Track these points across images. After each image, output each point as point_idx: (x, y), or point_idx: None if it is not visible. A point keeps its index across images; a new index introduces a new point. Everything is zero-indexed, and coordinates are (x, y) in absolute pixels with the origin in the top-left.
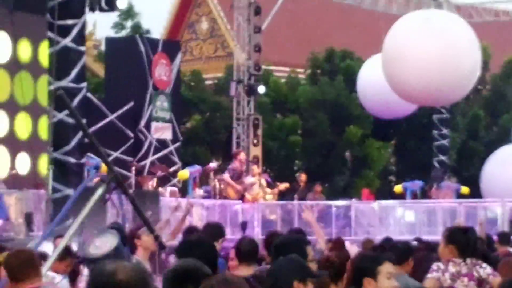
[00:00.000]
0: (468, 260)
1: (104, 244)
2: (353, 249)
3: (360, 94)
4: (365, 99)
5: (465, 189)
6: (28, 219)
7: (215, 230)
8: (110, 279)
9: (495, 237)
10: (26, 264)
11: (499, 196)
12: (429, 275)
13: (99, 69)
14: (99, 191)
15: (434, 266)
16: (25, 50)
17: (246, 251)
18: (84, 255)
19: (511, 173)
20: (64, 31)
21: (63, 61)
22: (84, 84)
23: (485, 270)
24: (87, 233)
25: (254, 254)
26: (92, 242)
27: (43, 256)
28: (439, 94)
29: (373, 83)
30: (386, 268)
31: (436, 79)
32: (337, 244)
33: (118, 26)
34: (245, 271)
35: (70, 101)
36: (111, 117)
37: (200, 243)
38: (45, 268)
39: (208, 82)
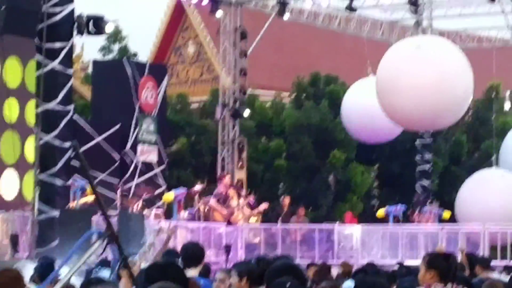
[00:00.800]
0: (449, 285)
1: None
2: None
3: (344, 119)
4: (349, 124)
5: (447, 214)
6: (14, 240)
7: (194, 254)
8: None
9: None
10: (12, 284)
11: (474, 219)
12: None
13: (86, 92)
14: (95, 245)
15: None
16: (13, 72)
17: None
18: None
19: (485, 197)
20: (52, 54)
21: (50, 84)
22: (71, 106)
23: None
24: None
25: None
26: None
27: None
28: (434, 119)
29: (357, 108)
30: None
31: (430, 105)
32: (323, 270)
33: (105, 49)
34: None
35: (83, 156)
36: (98, 139)
37: (168, 266)
38: None
39: (194, 106)
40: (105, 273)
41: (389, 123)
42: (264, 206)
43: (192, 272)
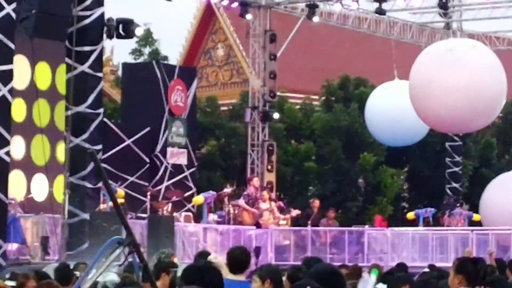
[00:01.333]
0: None
1: None
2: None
3: (367, 122)
4: (372, 126)
5: (476, 217)
6: (44, 243)
7: (240, 260)
8: None
9: None
10: None
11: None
12: None
13: (116, 95)
14: (116, 252)
15: None
16: (43, 75)
17: None
18: None
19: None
20: (81, 57)
21: (80, 87)
22: (101, 110)
23: None
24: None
25: None
26: None
27: None
28: (467, 122)
29: (380, 111)
30: None
31: (463, 108)
32: (355, 271)
33: (136, 52)
34: None
35: (100, 161)
36: (128, 141)
37: (206, 269)
38: None
39: (223, 108)
40: (112, 276)
41: (412, 125)
42: (296, 212)
43: (239, 278)
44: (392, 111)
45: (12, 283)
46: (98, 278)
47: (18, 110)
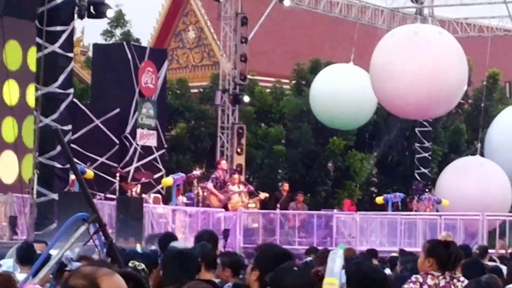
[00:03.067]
0: (447, 273)
1: None
2: None
3: (312, 105)
4: (316, 109)
5: (445, 202)
6: (12, 222)
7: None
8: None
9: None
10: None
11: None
12: (404, 286)
13: (86, 75)
14: (81, 229)
15: (413, 277)
16: (14, 54)
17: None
18: None
19: (463, 185)
20: (52, 37)
21: (50, 67)
22: (71, 90)
23: (462, 283)
24: None
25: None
26: None
27: None
28: (427, 108)
29: (324, 94)
30: None
31: (424, 93)
32: (324, 255)
33: (108, 33)
34: None
35: (64, 139)
36: (97, 122)
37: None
38: None
39: (193, 91)
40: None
41: (357, 110)
42: (265, 195)
43: None
44: (334, 94)
45: None
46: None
47: None
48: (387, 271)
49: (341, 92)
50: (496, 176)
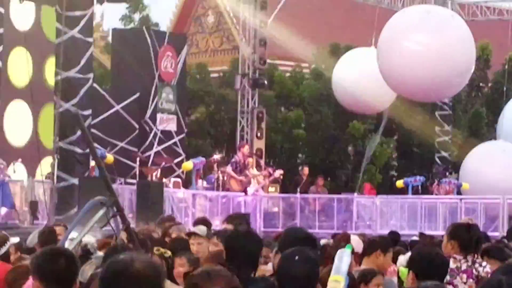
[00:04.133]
0: (469, 257)
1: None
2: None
3: (334, 88)
4: (337, 93)
5: (465, 186)
6: (33, 207)
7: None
8: (127, 267)
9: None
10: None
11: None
12: None
13: (106, 60)
14: (100, 213)
15: None
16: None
17: None
18: (81, 279)
19: (488, 170)
20: (72, 22)
21: (70, 52)
22: (91, 75)
23: (484, 268)
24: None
25: None
26: (92, 267)
27: None
28: (433, 89)
29: (346, 79)
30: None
31: (431, 74)
32: (343, 238)
33: (127, 18)
34: None
35: (84, 123)
36: (117, 107)
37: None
38: None
39: (213, 75)
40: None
41: (377, 95)
42: (279, 172)
43: None
44: (357, 78)
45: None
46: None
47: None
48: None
49: (363, 77)
50: None
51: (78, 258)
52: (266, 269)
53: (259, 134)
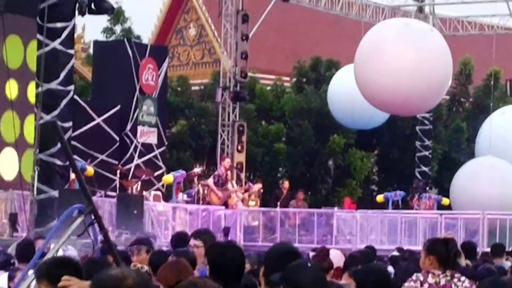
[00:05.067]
0: (448, 272)
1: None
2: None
3: (330, 104)
4: (333, 108)
5: (445, 201)
6: (13, 219)
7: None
8: (119, 283)
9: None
10: None
11: (467, 208)
12: (405, 284)
13: (87, 72)
14: (77, 221)
15: (414, 276)
16: (14, 51)
17: None
18: None
19: (478, 186)
20: (53, 34)
21: (51, 64)
22: (72, 87)
23: (463, 283)
24: None
25: None
26: None
27: None
28: (410, 103)
29: (342, 94)
30: None
31: (408, 88)
32: (322, 253)
33: (108, 30)
34: None
35: (61, 132)
36: (98, 120)
37: (229, 247)
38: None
39: (194, 88)
40: (71, 252)
41: (375, 109)
42: (258, 186)
43: None
44: (353, 93)
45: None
46: (57, 253)
47: None
48: (390, 268)
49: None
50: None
51: None
52: None
53: (239, 148)
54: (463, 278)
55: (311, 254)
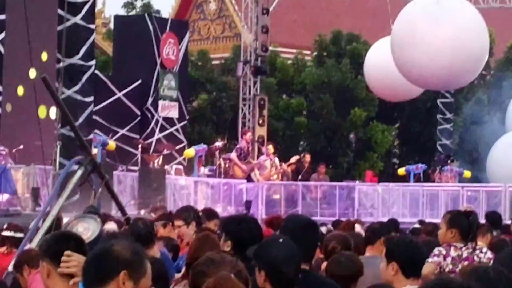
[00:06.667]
0: (470, 245)
1: (87, 230)
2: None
3: (367, 77)
4: (372, 82)
5: (467, 173)
6: (35, 194)
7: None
8: (106, 247)
9: None
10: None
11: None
12: (429, 259)
13: (107, 47)
14: (78, 173)
15: (436, 250)
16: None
17: None
18: None
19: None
20: (74, 9)
21: (72, 39)
22: (93, 62)
23: (486, 255)
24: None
25: None
26: (74, 227)
27: None
28: (448, 78)
29: (379, 67)
30: None
31: (446, 63)
32: (348, 226)
33: (129, 5)
34: None
35: (55, 90)
36: (119, 94)
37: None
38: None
39: (215, 62)
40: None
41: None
42: (295, 158)
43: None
44: (391, 66)
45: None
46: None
47: None
48: None
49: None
50: None
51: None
52: None
53: (260, 121)
54: (484, 249)
55: (325, 229)
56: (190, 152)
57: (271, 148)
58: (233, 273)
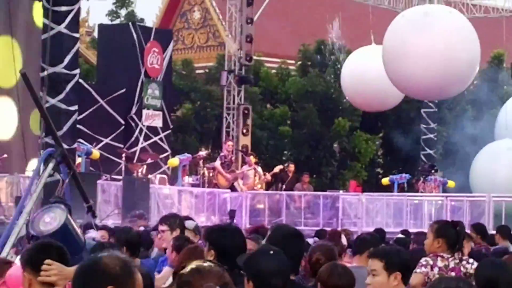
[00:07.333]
0: (456, 255)
1: (53, 220)
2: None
3: (343, 87)
4: (348, 92)
5: (451, 183)
6: (19, 202)
7: None
8: (95, 260)
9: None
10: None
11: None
12: (417, 270)
13: (92, 56)
14: (50, 165)
15: (423, 261)
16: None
17: None
18: (32, 232)
19: (497, 169)
20: (58, 17)
21: (56, 47)
22: (77, 71)
23: (472, 265)
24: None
25: None
26: (40, 218)
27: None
28: (440, 88)
29: (357, 77)
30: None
31: (438, 74)
32: (335, 236)
33: (113, 14)
34: None
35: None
36: (102, 103)
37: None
38: (7, 248)
39: (199, 71)
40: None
41: (388, 91)
42: (279, 167)
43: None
44: (368, 75)
45: None
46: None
47: None
48: None
49: (371, 74)
50: None
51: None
52: None
53: (244, 131)
54: (471, 260)
55: (312, 240)
56: (174, 161)
57: (252, 158)
58: (219, 285)
